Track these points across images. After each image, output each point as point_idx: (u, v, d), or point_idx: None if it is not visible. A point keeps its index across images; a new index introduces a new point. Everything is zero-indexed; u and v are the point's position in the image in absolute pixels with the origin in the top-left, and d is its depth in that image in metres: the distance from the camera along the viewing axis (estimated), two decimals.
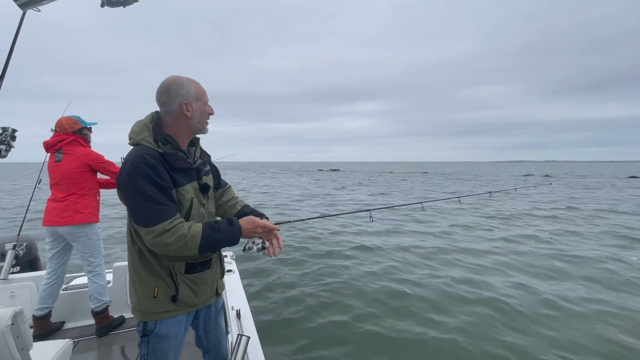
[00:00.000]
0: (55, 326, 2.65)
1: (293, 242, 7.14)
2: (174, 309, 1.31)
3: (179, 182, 1.28)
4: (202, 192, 1.38)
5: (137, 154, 1.20)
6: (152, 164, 1.18)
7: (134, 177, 1.16)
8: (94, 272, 2.62)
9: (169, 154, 1.26)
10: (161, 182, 1.19)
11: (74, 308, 2.76)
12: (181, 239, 1.16)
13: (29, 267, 3.04)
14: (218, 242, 1.23)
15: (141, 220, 1.18)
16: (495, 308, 3.87)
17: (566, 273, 5.11)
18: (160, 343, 1.32)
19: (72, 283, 2.94)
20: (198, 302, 1.38)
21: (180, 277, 1.30)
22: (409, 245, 6.83)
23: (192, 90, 1.31)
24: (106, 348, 2.45)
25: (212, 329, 1.55)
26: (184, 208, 1.29)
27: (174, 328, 1.33)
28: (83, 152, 2.64)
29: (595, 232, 8.22)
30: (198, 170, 1.39)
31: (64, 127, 2.63)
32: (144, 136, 1.26)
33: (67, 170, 2.57)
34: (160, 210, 1.16)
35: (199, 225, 1.22)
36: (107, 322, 2.64)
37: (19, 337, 1.16)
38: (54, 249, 2.61)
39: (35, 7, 1.19)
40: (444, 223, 9.35)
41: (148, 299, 1.29)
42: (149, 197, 1.15)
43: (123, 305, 2.84)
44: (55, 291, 2.59)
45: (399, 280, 4.81)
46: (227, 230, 1.25)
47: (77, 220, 2.54)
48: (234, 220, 1.29)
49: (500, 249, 6.48)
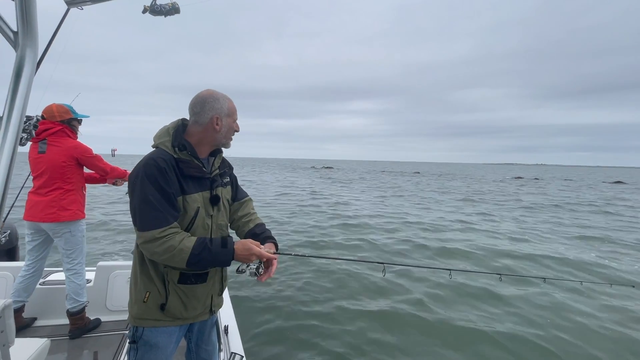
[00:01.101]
0: (26, 322, 2.54)
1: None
2: (161, 318, 1.29)
3: (188, 189, 1.28)
4: (212, 203, 1.36)
5: (151, 156, 1.25)
6: (162, 168, 1.20)
7: (141, 178, 1.19)
8: (73, 271, 2.50)
9: (183, 161, 1.28)
10: (166, 187, 1.20)
11: (49, 305, 2.64)
12: (169, 251, 1.16)
13: (6, 255, 2.92)
14: (207, 262, 1.22)
15: (137, 223, 1.20)
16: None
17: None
18: (148, 352, 1.30)
19: (50, 278, 2.82)
20: (187, 316, 1.34)
21: (172, 285, 1.29)
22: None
23: (226, 106, 1.35)
24: (78, 351, 2.35)
25: (204, 343, 1.53)
26: (188, 216, 1.28)
27: (163, 338, 1.31)
28: (71, 144, 2.48)
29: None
30: (213, 180, 1.38)
31: (53, 114, 2.47)
32: (163, 140, 1.30)
33: (52, 163, 2.41)
34: (155, 217, 1.17)
35: (192, 240, 1.20)
36: (82, 323, 2.52)
37: (3, 332, 1.11)
38: (34, 242, 2.50)
39: (79, 6, 1.18)
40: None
41: (138, 302, 1.29)
42: (148, 202, 1.17)
43: (101, 307, 2.73)
44: (32, 285, 2.48)
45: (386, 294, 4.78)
46: (218, 252, 1.23)
47: (63, 218, 2.42)
48: (229, 242, 1.26)
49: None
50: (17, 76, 0.61)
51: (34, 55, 0.65)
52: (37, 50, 0.66)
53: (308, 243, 7.56)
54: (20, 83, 0.62)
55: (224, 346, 2.04)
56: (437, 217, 11.46)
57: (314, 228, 9.14)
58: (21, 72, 0.62)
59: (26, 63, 0.62)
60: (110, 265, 2.80)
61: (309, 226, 9.35)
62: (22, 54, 0.62)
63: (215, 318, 1.59)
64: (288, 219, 10.37)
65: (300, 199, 15.47)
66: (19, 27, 0.61)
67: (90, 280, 2.77)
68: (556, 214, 13.50)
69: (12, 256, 2.98)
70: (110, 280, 2.76)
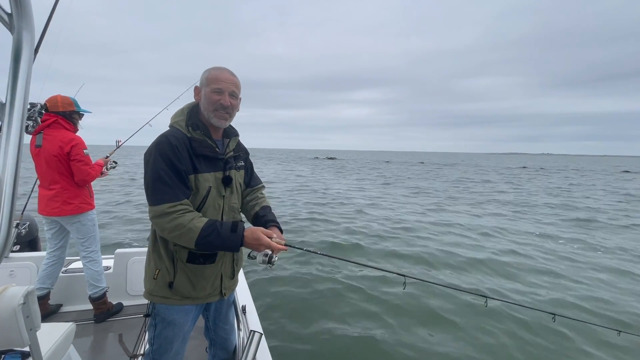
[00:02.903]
0: (52, 308, 2.65)
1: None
2: (170, 296, 1.31)
3: (200, 168, 1.28)
4: (224, 184, 1.36)
5: (164, 134, 1.27)
6: (174, 145, 1.21)
7: (154, 154, 1.21)
8: (89, 258, 2.58)
9: (195, 140, 1.29)
10: (178, 164, 1.21)
11: (73, 291, 2.76)
12: (178, 228, 1.17)
13: (28, 246, 3.02)
14: (215, 245, 1.21)
15: (148, 197, 1.22)
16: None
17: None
18: (166, 329, 1.34)
19: (72, 266, 2.93)
20: (196, 296, 1.35)
21: (180, 264, 1.30)
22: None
23: (205, 75, 1.32)
24: (104, 334, 2.46)
25: (221, 322, 1.57)
26: (200, 195, 1.29)
27: (180, 316, 1.34)
28: (65, 136, 2.42)
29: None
30: (226, 162, 1.38)
31: (57, 103, 2.43)
32: (177, 120, 1.32)
33: (48, 158, 2.39)
34: (165, 192, 1.18)
35: (203, 221, 1.20)
36: (105, 308, 2.64)
37: (29, 317, 1.15)
38: (51, 231, 2.58)
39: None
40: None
41: (150, 278, 1.34)
42: (159, 177, 1.19)
43: (122, 292, 2.84)
44: (55, 272, 2.58)
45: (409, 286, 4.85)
46: (227, 236, 1.21)
47: (66, 212, 2.45)
48: (239, 228, 1.24)
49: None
50: (15, 60, 0.59)
51: (31, 38, 0.62)
52: (33, 32, 0.63)
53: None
54: (20, 68, 0.60)
55: (242, 325, 2.06)
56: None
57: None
58: (20, 55, 0.60)
59: (24, 46, 0.60)
60: (127, 252, 2.90)
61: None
62: (19, 37, 0.60)
63: (232, 298, 1.61)
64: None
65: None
66: (12, 8, 0.59)
67: (110, 267, 2.88)
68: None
69: (35, 247, 3.09)
70: (129, 266, 2.87)
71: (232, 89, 1.32)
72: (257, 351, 1.48)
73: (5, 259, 2.65)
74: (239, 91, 1.37)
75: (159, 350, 1.35)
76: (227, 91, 1.31)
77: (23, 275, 2.67)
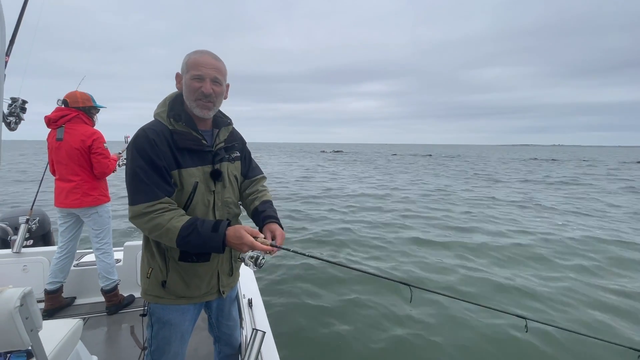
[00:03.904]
0: (67, 301, 2.69)
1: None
2: (163, 296, 1.27)
3: (184, 163, 1.20)
4: (213, 178, 1.26)
5: (143, 127, 1.18)
6: (151, 139, 1.13)
7: (131, 150, 1.15)
8: (102, 250, 2.63)
9: (178, 132, 1.19)
10: (156, 159, 1.13)
11: (85, 284, 2.79)
12: (157, 228, 1.11)
13: (41, 241, 3.07)
14: (196, 245, 1.12)
15: (128, 196, 1.15)
16: None
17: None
18: (162, 329, 1.29)
19: (83, 260, 2.96)
20: (191, 295, 1.30)
21: (173, 263, 1.25)
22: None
23: (185, 60, 1.21)
24: (116, 326, 2.48)
25: (224, 319, 1.51)
26: (185, 192, 1.21)
27: (176, 316, 1.30)
28: (87, 131, 2.52)
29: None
30: (216, 154, 1.28)
31: (77, 99, 2.53)
32: (159, 111, 1.23)
33: (69, 151, 2.47)
34: (142, 190, 1.11)
35: (183, 220, 1.12)
36: (116, 300, 2.67)
37: (28, 319, 1.13)
38: (65, 224, 2.62)
39: None
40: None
41: (144, 277, 1.30)
42: (135, 175, 1.12)
43: (133, 284, 2.86)
44: (67, 266, 2.62)
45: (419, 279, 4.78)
46: (207, 236, 1.11)
47: (86, 204, 2.53)
48: (221, 226, 1.14)
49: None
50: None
51: (2, 32, 0.57)
52: (4, 25, 0.57)
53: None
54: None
55: (247, 321, 2.02)
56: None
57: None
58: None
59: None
60: (136, 244, 2.91)
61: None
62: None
63: (235, 294, 1.57)
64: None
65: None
66: None
67: (120, 260, 2.90)
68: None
69: (47, 241, 3.14)
70: (139, 259, 2.87)
71: (213, 74, 1.20)
72: (260, 349, 1.46)
73: (17, 254, 2.70)
74: (223, 77, 1.24)
75: (157, 351, 1.31)
76: (208, 77, 1.19)
77: (36, 270, 2.71)
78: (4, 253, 2.71)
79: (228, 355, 1.60)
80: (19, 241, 2.72)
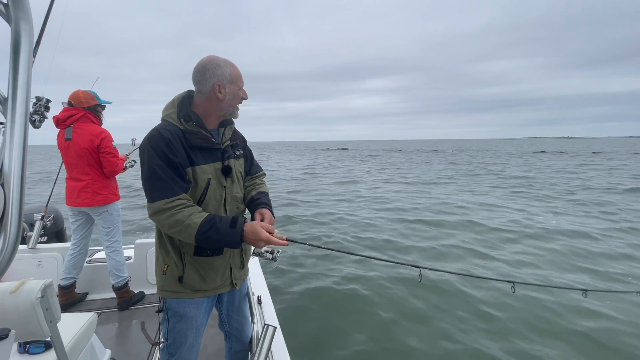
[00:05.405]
0: (79, 297, 2.77)
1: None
2: (180, 290, 1.31)
3: (197, 160, 1.26)
4: (224, 174, 1.34)
5: (156, 127, 1.23)
6: (167, 139, 1.18)
7: (147, 150, 1.19)
8: (112, 248, 2.67)
9: (189, 132, 1.25)
10: (173, 157, 1.18)
11: (97, 280, 2.86)
12: (177, 224, 1.15)
13: (55, 237, 3.15)
14: (214, 240, 1.18)
15: (147, 194, 1.20)
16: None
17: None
18: (179, 322, 1.34)
19: (95, 256, 3.03)
20: (206, 288, 1.35)
21: (188, 258, 1.30)
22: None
23: (228, 72, 1.28)
24: (127, 322, 2.54)
25: (235, 314, 1.55)
26: (199, 188, 1.27)
27: (192, 309, 1.34)
28: (95, 130, 2.54)
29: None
30: (224, 151, 1.35)
31: (80, 99, 2.53)
32: (168, 113, 1.28)
33: (78, 150, 2.49)
34: (162, 187, 1.16)
35: (202, 216, 1.18)
36: (127, 297, 2.73)
37: (48, 310, 1.18)
38: (77, 222, 2.68)
39: None
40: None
41: (159, 275, 1.34)
42: (154, 172, 1.16)
43: (143, 281, 2.92)
44: (80, 262, 2.69)
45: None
46: (226, 232, 1.18)
47: (96, 202, 2.57)
48: (239, 222, 1.21)
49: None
50: (15, 51, 0.57)
51: (30, 29, 0.60)
52: (31, 23, 0.60)
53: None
54: (20, 59, 0.58)
55: (257, 318, 2.04)
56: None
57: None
58: (19, 47, 0.58)
59: (22, 37, 0.58)
60: (146, 242, 2.97)
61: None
62: (17, 28, 0.58)
63: (245, 289, 1.60)
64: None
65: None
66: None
67: (131, 257, 2.96)
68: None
69: (61, 238, 3.22)
70: (149, 256, 2.94)
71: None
72: (271, 344, 1.47)
73: (33, 250, 2.77)
74: None
75: (174, 344, 1.36)
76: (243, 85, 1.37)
77: (50, 266, 2.78)
78: (20, 248, 2.78)
79: (239, 351, 1.63)
80: (35, 237, 2.80)
